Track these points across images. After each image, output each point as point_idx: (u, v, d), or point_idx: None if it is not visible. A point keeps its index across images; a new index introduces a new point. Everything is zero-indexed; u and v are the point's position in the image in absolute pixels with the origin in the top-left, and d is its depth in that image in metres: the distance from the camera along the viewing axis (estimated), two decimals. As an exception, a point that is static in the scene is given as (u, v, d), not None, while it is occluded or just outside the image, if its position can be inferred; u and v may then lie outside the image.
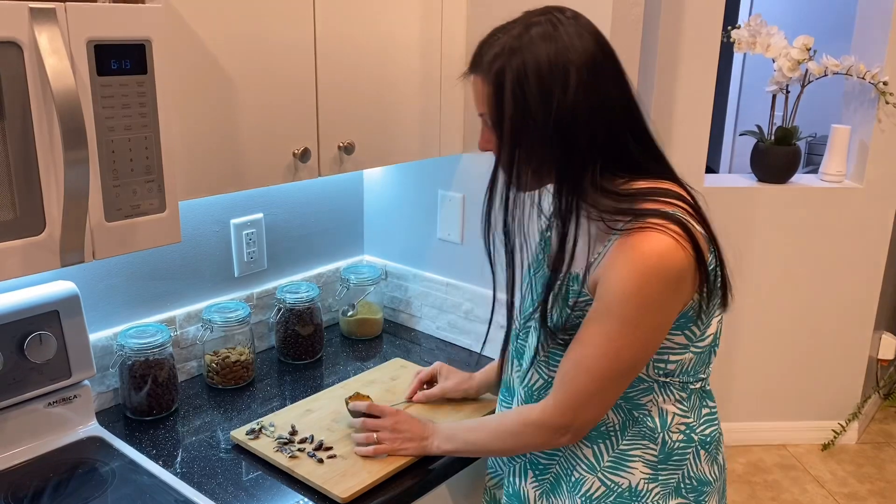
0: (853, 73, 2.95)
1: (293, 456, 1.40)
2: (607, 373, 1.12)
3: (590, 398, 1.15)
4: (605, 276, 1.10)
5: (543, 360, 1.23)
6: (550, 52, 1.06)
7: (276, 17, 1.38)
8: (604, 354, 1.11)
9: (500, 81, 1.08)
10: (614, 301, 1.09)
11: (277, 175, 1.45)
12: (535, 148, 1.11)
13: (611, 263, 1.10)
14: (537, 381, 1.25)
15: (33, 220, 1.05)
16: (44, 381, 1.41)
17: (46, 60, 0.99)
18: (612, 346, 1.10)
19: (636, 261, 1.06)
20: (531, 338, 1.26)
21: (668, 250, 1.06)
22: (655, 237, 1.06)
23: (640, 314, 1.08)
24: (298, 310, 1.80)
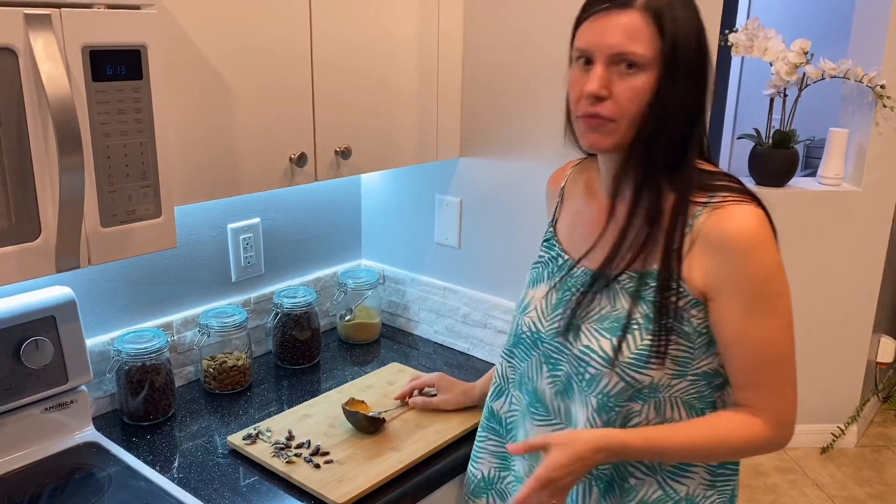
0: (850, 77, 2.96)
1: (290, 461, 1.39)
2: (791, 352, 1.09)
3: (793, 387, 1.10)
4: (725, 270, 1.05)
5: (628, 363, 1.10)
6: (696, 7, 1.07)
7: (272, 22, 1.38)
8: (782, 340, 1.07)
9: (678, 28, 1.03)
10: (757, 286, 1.05)
11: (274, 180, 1.45)
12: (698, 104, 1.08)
13: (720, 253, 1.05)
14: (617, 385, 1.12)
15: (29, 226, 1.05)
16: (40, 386, 1.41)
17: (41, 66, 0.99)
18: (783, 325, 1.07)
19: (750, 237, 1.04)
20: (588, 339, 1.14)
21: (761, 214, 1.06)
22: (746, 208, 1.05)
23: (781, 281, 1.07)
24: (296, 314, 1.80)
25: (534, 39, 1.65)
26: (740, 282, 1.05)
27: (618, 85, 1.04)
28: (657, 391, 1.12)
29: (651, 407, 1.13)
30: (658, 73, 1.03)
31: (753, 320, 1.06)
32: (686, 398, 1.14)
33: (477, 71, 1.76)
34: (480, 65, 1.75)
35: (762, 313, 1.06)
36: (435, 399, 1.57)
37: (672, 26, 1.03)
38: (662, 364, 1.10)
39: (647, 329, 1.10)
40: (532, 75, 1.67)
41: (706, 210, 1.07)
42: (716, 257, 1.05)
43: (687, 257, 1.08)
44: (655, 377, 1.10)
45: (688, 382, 1.13)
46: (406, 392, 1.60)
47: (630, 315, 1.11)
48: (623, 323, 1.11)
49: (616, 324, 1.12)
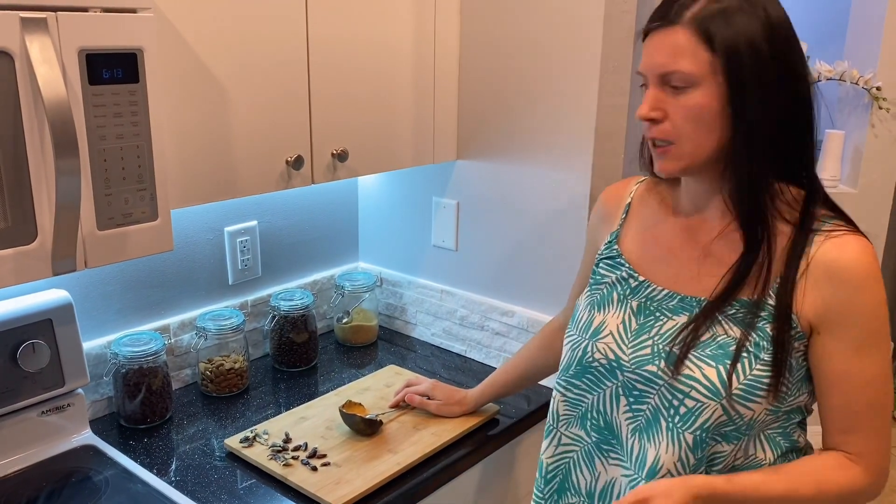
0: (846, 79, 2.96)
1: (287, 464, 1.39)
2: (892, 396, 1.03)
3: (890, 436, 1.04)
4: (839, 303, 0.99)
5: (737, 395, 1.01)
6: (779, 10, 0.97)
7: (268, 26, 1.38)
8: (886, 383, 1.01)
9: (732, 41, 0.95)
10: (871, 322, 0.99)
11: (270, 183, 1.45)
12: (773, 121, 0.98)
13: (837, 285, 0.99)
14: (717, 420, 1.02)
15: (25, 229, 1.05)
16: (37, 389, 1.41)
17: (38, 70, 0.99)
18: (888, 367, 1.01)
19: (867, 271, 0.98)
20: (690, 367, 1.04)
21: (871, 247, 1.00)
22: (859, 240, 0.99)
23: (888, 319, 1.01)
24: (293, 317, 1.80)
25: (530, 42, 1.65)
26: (853, 316, 0.99)
27: (671, 105, 1.00)
28: (752, 427, 1.04)
29: (740, 446, 1.06)
30: (719, 85, 0.97)
31: (861, 357, 1.00)
32: (772, 434, 1.07)
33: (473, 74, 1.77)
34: (477, 67, 1.76)
35: (870, 351, 1.00)
36: (432, 403, 1.57)
37: (725, 34, 0.95)
38: (772, 397, 1.02)
39: (757, 358, 1.01)
40: (528, 78, 1.67)
41: (820, 237, 1.00)
42: (831, 288, 0.99)
43: (798, 286, 1.01)
44: (756, 411, 1.03)
45: (778, 419, 1.06)
46: (400, 399, 1.59)
47: (741, 343, 1.02)
48: (732, 351, 1.02)
49: (720, 351, 1.02)
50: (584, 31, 1.56)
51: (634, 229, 1.19)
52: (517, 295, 1.80)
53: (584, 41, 1.56)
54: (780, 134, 0.99)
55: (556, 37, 1.61)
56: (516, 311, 1.79)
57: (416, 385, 1.61)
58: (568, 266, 1.68)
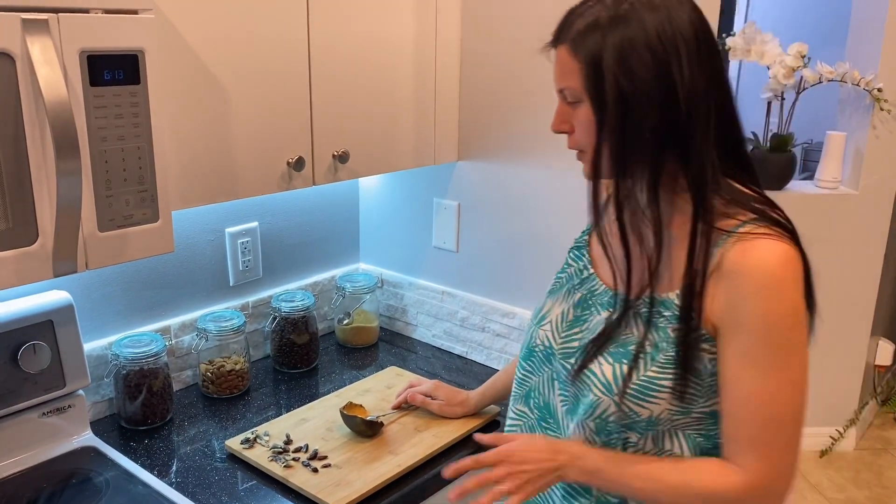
0: (847, 80, 2.96)
1: (288, 465, 1.39)
2: (794, 414, 0.98)
3: (786, 453, 0.99)
4: (735, 307, 0.97)
5: (632, 394, 1.03)
6: (657, 20, 0.96)
7: (269, 27, 1.38)
8: (782, 396, 0.97)
9: (597, 54, 0.96)
10: (764, 329, 0.96)
11: (271, 184, 1.45)
12: (644, 129, 0.97)
13: (735, 288, 0.97)
14: (612, 415, 1.05)
15: (26, 231, 1.05)
16: (38, 390, 1.40)
17: (39, 71, 0.99)
18: (786, 381, 0.97)
19: (769, 276, 0.95)
20: (593, 363, 1.07)
21: (790, 255, 0.97)
22: (774, 245, 0.97)
23: (794, 331, 0.97)
24: (294, 318, 1.80)
25: (531, 43, 1.65)
26: (747, 320, 0.97)
27: (572, 117, 1.04)
28: (656, 424, 1.05)
29: (649, 438, 1.07)
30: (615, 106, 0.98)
31: (752, 367, 0.97)
32: (690, 434, 1.06)
33: (474, 75, 1.77)
34: (478, 69, 1.76)
35: (765, 362, 0.97)
36: (434, 403, 1.56)
37: (589, 51, 0.97)
38: (666, 399, 1.02)
39: (653, 359, 1.03)
40: (530, 79, 1.67)
41: (731, 238, 0.99)
42: (730, 289, 0.98)
43: (708, 288, 1.00)
44: (655, 412, 1.03)
45: (692, 419, 1.05)
46: (403, 399, 1.59)
47: (642, 343, 1.04)
48: (632, 350, 1.04)
49: (621, 349, 1.05)
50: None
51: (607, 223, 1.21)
52: (518, 296, 1.80)
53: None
54: (654, 144, 0.98)
55: (558, 38, 1.61)
56: (517, 312, 1.79)
57: (418, 385, 1.60)
58: (569, 267, 1.67)
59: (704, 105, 0.97)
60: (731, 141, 1.04)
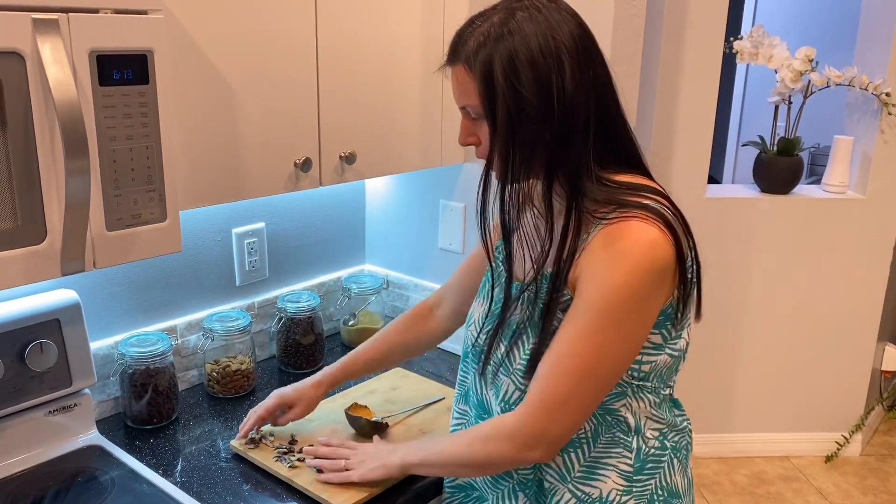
0: (855, 84, 2.95)
1: (293, 465, 1.39)
2: (588, 373, 1.05)
3: (565, 404, 1.07)
4: (587, 271, 1.06)
5: (518, 370, 1.14)
6: (540, 36, 1.02)
7: (277, 28, 1.38)
8: (583, 353, 1.05)
9: (488, 70, 1.04)
10: (598, 295, 1.04)
11: (278, 185, 1.45)
12: (531, 137, 1.05)
13: (593, 257, 1.06)
14: (514, 394, 1.16)
15: (34, 229, 1.06)
16: (44, 389, 1.41)
17: (49, 70, 0.99)
18: (594, 343, 1.04)
19: (623, 251, 1.03)
20: (500, 347, 1.19)
21: (654, 241, 1.03)
22: (641, 227, 1.03)
23: (626, 308, 1.04)
24: (299, 319, 1.80)
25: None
26: (587, 286, 1.05)
27: (478, 130, 1.12)
28: None
29: None
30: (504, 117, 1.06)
31: (572, 324, 1.06)
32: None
33: (482, 77, 1.76)
34: (485, 71, 1.75)
35: (583, 322, 1.05)
36: (289, 414, 1.46)
37: (479, 65, 1.04)
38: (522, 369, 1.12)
39: (532, 334, 1.12)
40: (537, 82, 1.67)
41: (603, 223, 1.07)
42: (589, 261, 1.06)
43: (575, 265, 1.08)
44: None
45: None
46: (250, 427, 1.46)
47: (523, 322, 1.14)
48: (518, 330, 1.14)
49: (510, 331, 1.16)
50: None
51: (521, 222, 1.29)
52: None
53: (593, 45, 1.56)
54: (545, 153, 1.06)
55: (565, 41, 1.61)
56: (523, 314, 1.79)
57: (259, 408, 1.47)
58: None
59: (584, 115, 1.05)
60: (618, 143, 1.12)
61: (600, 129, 1.08)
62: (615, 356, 1.06)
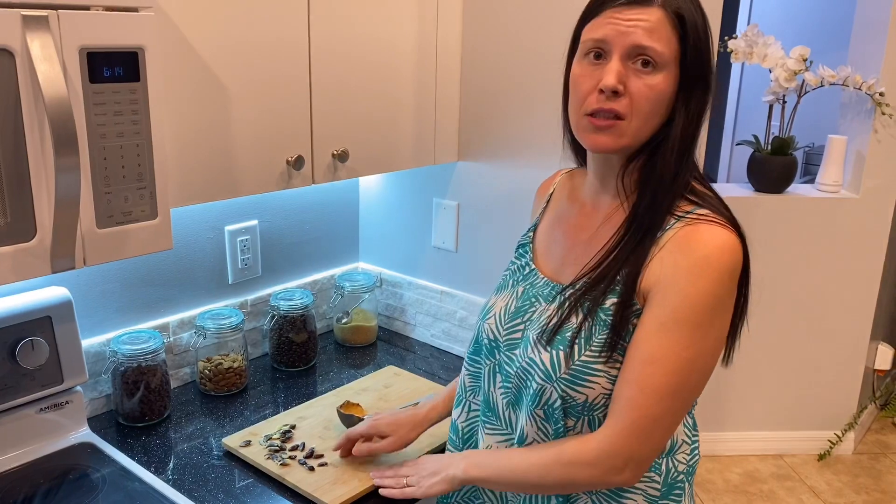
0: (849, 84, 2.96)
1: (284, 463, 1.40)
2: (679, 389, 0.99)
3: (657, 424, 1.00)
4: (666, 279, 0.99)
5: (565, 378, 1.05)
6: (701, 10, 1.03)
7: (270, 25, 1.38)
8: (675, 370, 0.98)
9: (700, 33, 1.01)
10: (685, 306, 0.97)
11: (271, 182, 1.45)
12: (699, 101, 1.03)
13: (670, 262, 0.99)
14: (556, 401, 1.07)
15: (24, 226, 1.05)
16: (35, 386, 1.41)
17: (38, 67, 0.99)
18: (684, 358, 0.98)
19: (706, 257, 0.97)
20: (533, 351, 1.10)
21: (733, 247, 0.99)
22: (721, 232, 0.99)
23: (713, 317, 0.98)
24: (292, 317, 1.80)
25: (532, 43, 1.65)
26: (671, 292, 0.98)
27: (634, 82, 0.99)
28: (593, 409, 1.06)
29: (585, 423, 1.08)
30: (675, 74, 1.01)
31: (658, 336, 0.98)
32: None
33: (475, 75, 1.77)
34: (479, 69, 1.76)
35: (671, 334, 0.98)
36: (381, 444, 1.36)
37: (692, 30, 1.00)
38: (600, 384, 1.04)
39: (588, 344, 1.04)
40: (531, 79, 1.67)
41: (679, 223, 1.01)
42: (667, 265, 0.99)
43: (647, 266, 1.01)
44: (590, 396, 1.05)
45: None
46: (342, 444, 1.40)
47: (578, 329, 1.05)
48: (569, 337, 1.06)
49: (559, 337, 1.07)
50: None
51: (548, 219, 1.25)
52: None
53: (585, 44, 1.56)
54: (694, 134, 1.05)
55: (558, 40, 1.61)
56: (516, 313, 1.79)
57: (354, 433, 1.38)
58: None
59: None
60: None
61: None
62: (703, 368, 1.01)
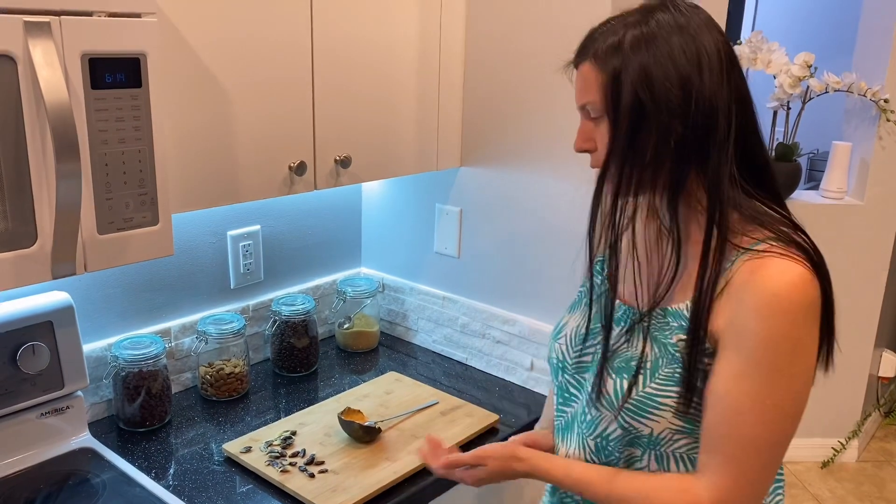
0: (854, 91, 2.95)
1: (285, 470, 1.39)
2: (774, 441, 0.96)
3: (759, 475, 0.97)
4: (738, 321, 0.95)
5: (630, 409, 1.02)
6: (680, 34, 0.97)
7: (272, 31, 1.38)
8: (764, 421, 0.95)
9: (617, 61, 0.97)
10: (758, 349, 0.93)
11: (273, 188, 1.45)
12: (659, 137, 0.97)
13: (739, 302, 0.95)
14: (614, 431, 1.05)
15: (25, 232, 1.05)
16: (36, 391, 1.41)
17: (40, 73, 0.99)
18: (770, 405, 0.94)
19: (776, 296, 0.93)
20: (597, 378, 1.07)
21: (805, 280, 0.94)
22: (790, 266, 0.94)
23: (793, 359, 0.94)
24: (294, 322, 1.80)
25: (535, 50, 1.65)
26: (747, 338, 0.94)
27: (596, 134, 1.03)
28: (658, 444, 1.03)
29: (652, 457, 1.05)
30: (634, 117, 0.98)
31: (743, 386, 0.95)
32: (695, 457, 1.03)
33: (478, 80, 1.76)
34: (481, 74, 1.75)
35: (756, 383, 0.94)
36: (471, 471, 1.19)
37: (611, 67, 0.98)
38: (667, 417, 1.00)
39: (654, 375, 1.01)
40: (533, 85, 1.67)
41: (746, 255, 0.97)
42: (736, 305, 0.96)
43: (716, 303, 0.98)
44: (655, 429, 1.02)
45: (696, 440, 1.02)
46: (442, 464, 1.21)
47: (642, 357, 1.02)
48: (634, 365, 1.02)
49: (623, 364, 1.04)
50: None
51: (627, 237, 1.18)
52: (519, 303, 1.79)
53: (589, 50, 1.56)
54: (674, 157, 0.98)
55: (561, 46, 1.60)
56: (518, 319, 1.79)
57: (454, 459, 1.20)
58: (570, 275, 1.67)
59: (725, 119, 0.97)
60: (754, 161, 1.03)
61: (739, 142, 1.00)
62: (794, 412, 0.97)
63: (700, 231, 1.02)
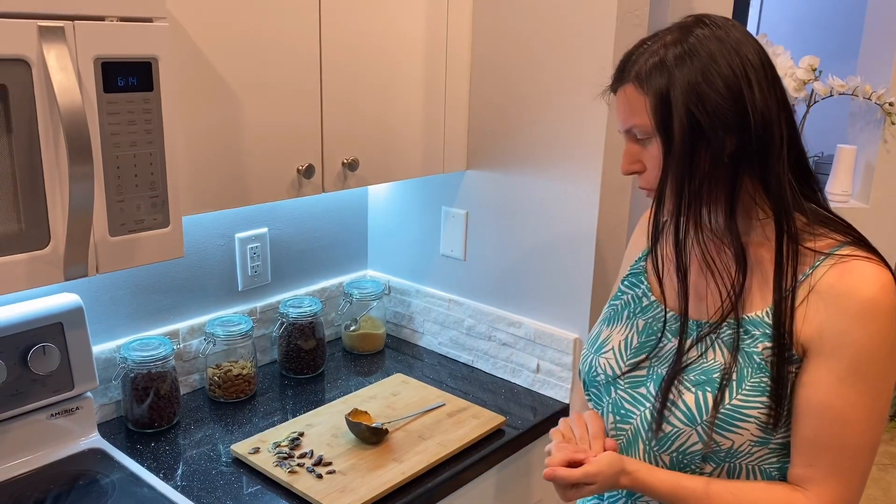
0: (859, 94, 2.95)
1: (292, 471, 1.40)
2: (875, 443, 0.96)
3: (862, 481, 0.98)
4: (832, 328, 0.95)
5: (709, 422, 1.00)
6: (725, 50, 0.96)
7: (281, 35, 1.39)
8: (870, 425, 0.95)
9: (664, 81, 0.96)
10: (861, 356, 0.93)
11: (281, 191, 1.46)
12: (719, 156, 0.97)
13: (832, 308, 0.95)
14: (694, 445, 1.02)
15: (38, 234, 1.06)
16: (46, 392, 1.42)
17: (54, 77, 1.00)
18: (877, 409, 0.95)
19: (872, 300, 0.93)
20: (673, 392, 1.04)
21: (891, 283, 0.94)
22: (877, 270, 0.95)
23: (893, 363, 0.95)
24: (301, 324, 1.81)
25: (541, 53, 1.66)
26: (847, 345, 0.94)
27: (643, 156, 1.03)
28: (735, 457, 1.02)
29: (724, 470, 1.03)
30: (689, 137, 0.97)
31: (844, 392, 0.94)
32: (765, 467, 1.03)
33: (484, 84, 1.77)
34: (488, 78, 1.76)
35: (859, 390, 0.94)
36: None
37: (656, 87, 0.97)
38: (750, 430, 0.99)
39: (739, 387, 1.00)
40: (539, 90, 1.68)
41: (828, 261, 0.97)
42: (829, 312, 0.95)
43: (799, 309, 0.98)
44: (737, 442, 1.00)
45: (769, 451, 1.01)
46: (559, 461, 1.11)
47: (728, 370, 1.00)
48: (716, 378, 1.01)
49: (703, 377, 1.02)
50: (595, 45, 1.57)
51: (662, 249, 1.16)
52: (525, 306, 1.80)
53: (594, 54, 1.57)
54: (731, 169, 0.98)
55: (568, 50, 1.62)
56: (524, 322, 1.80)
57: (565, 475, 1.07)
58: (576, 278, 1.68)
59: (777, 128, 0.98)
60: (799, 166, 1.03)
61: (791, 149, 1.00)
62: (887, 412, 0.98)
63: (762, 238, 1.02)
